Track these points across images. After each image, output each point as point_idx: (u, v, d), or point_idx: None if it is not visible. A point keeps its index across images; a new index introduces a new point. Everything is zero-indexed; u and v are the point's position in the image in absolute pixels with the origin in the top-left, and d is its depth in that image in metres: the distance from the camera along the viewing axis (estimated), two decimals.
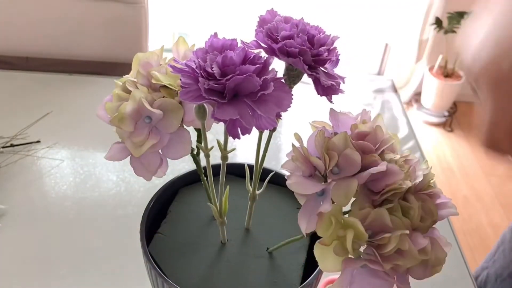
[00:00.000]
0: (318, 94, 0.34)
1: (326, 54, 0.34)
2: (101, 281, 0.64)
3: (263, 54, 0.33)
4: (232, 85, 0.30)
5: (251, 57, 0.32)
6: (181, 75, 0.31)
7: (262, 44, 0.34)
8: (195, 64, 0.31)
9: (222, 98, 0.31)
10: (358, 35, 2.16)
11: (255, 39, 0.34)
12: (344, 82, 0.35)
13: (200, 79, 0.30)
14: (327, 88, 0.34)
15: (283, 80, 0.33)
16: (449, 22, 2.04)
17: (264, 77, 0.31)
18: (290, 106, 0.32)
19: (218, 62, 0.31)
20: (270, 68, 0.33)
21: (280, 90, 0.32)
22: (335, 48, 0.35)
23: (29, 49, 1.21)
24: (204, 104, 0.34)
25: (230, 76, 0.30)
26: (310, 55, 0.33)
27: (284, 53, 0.33)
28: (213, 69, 0.30)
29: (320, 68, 0.34)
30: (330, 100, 0.35)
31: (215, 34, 0.33)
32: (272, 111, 0.31)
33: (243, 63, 0.31)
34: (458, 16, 2.03)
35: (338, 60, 0.35)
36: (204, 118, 0.35)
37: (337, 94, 0.35)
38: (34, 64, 1.15)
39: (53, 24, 1.21)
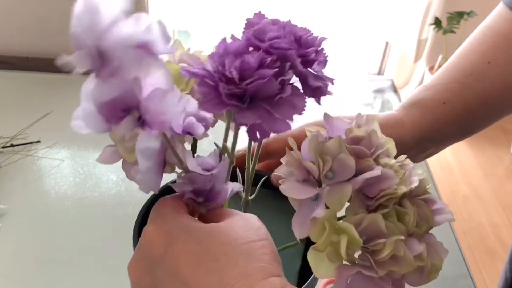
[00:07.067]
0: (306, 95, 0.34)
1: (314, 55, 0.33)
2: (101, 281, 0.65)
3: None
4: (253, 89, 0.30)
5: (267, 61, 0.31)
6: (197, 84, 0.31)
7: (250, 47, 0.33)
8: (213, 68, 0.31)
9: (242, 103, 0.30)
10: (357, 34, 2.16)
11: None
12: (333, 84, 0.35)
13: (220, 84, 0.30)
14: (315, 89, 0.33)
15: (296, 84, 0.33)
16: (449, 22, 2.04)
17: (282, 78, 0.31)
18: (304, 109, 0.32)
19: (237, 66, 0.30)
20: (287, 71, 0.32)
21: (293, 93, 0.32)
22: (322, 49, 0.34)
23: (29, 49, 1.21)
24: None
25: (250, 80, 0.30)
26: (298, 56, 0.33)
27: (271, 54, 0.33)
28: (232, 73, 0.30)
29: (308, 69, 0.34)
30: (318, 102, 0.34)
31: (225, 39, 0.33)
32: (290, 114, 0.31)
33: (260, 67, 0.31)
34: (457, 16, 2.02)
35: (326, 61, 0.35)
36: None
37: (325, 95, 0.34)
38: (34, 64, 1.16)
39: (53, 24, 1.21)
